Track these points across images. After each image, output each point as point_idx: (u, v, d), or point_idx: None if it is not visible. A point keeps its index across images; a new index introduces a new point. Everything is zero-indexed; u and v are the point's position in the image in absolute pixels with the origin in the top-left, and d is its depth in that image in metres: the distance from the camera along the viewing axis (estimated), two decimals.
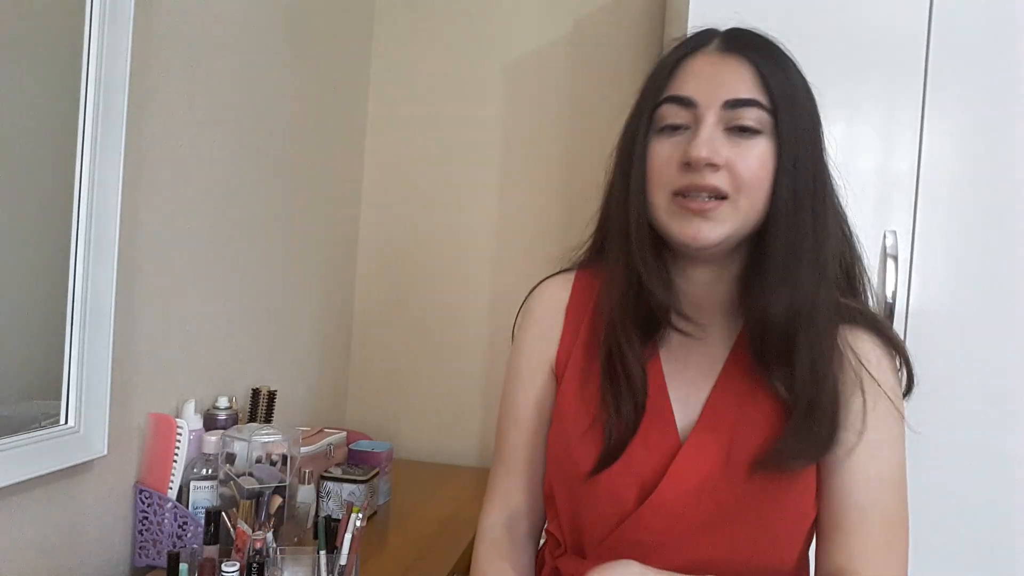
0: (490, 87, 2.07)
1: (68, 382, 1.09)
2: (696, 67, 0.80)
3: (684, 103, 0.79)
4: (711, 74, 0.79)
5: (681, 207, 0.78)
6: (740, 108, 0.77)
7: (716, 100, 0.78)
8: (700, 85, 0.79)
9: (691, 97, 0.79)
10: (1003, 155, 1.41)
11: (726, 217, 0.78)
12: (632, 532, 0.82)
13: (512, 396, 0.96)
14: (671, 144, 0.79)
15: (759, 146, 0.77)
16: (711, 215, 0.77)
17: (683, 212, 0.78)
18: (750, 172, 0.77)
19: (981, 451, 1.42)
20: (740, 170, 0.77)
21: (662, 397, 0.85)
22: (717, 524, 0.81)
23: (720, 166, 0.77)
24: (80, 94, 1.07)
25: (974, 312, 1.42)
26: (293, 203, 1.76)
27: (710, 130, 0.77)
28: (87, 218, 1.09)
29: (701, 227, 0.78)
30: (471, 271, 2.09)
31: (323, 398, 1.99)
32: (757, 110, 0.77)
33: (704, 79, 0.79)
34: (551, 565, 0.91)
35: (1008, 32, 1.41)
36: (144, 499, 1.24)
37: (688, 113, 0.79)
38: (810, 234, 0.79)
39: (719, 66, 0.79)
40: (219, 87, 1.43)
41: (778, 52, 0.82)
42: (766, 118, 0.77)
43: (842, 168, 1.45)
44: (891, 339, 0.85)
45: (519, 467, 0.94)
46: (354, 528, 1.06)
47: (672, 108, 0.80)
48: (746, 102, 0.77)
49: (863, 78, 1.45)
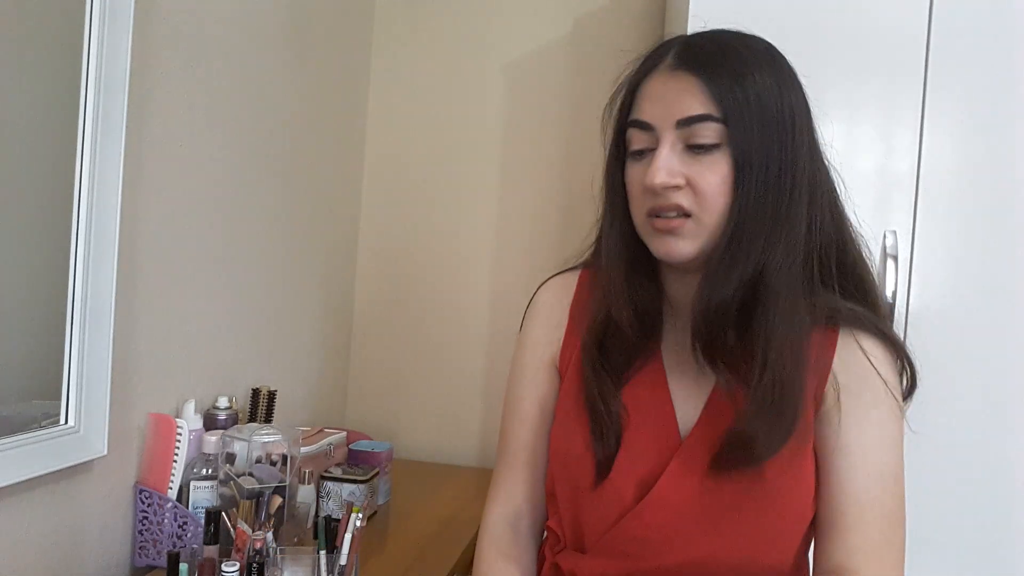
0: (490, 87, 2.07)
1: (68, 382, 1.09)
2: (650, 89, 0.82)
3: (643, 126, 0.82)
4: (662, 94, 0.81)
5: (653, 227, 0.81)
6: (693, 125, 0.78)
7: (669, 120, 0.79)
8: (654, 107, 0.81)
9: (647, 121, 0.81)
10: (1003, 155, 1.41)
11: (692, 233, 0.80)
12: (632, 528, 0.83)
13: (516, 393, 0.97)
14: (640, 168, 0.82)
15: (718, 160, 0.78)
16: (678, 232, 0.80)
17: (655, 231, 0.81)
18: (710, 187, 0.78)
19: (981, 451, 1.42)
20: (701, 186, 0.78)
21: (663, 395, 0.86)
22: (717, 521, 0.81)
23: (681, 186, 0.79)
24: (80, 94, 1.07)
25: (974, 312, 1.42)
26: (293, 203, 1.76)
27: (667, 153, 0.79)
28: (87, 218, 1.09)
29: (672, 244, 0.81)
30: (471, 271, 2.09)
31: (323, 398, 1.99)
32: (711, 123, 0.78)
33: (657, 100, 0.81)
34: (551, 561, 0.91)
35: (1008, 32, 1.41)
36: (144, 499, 1.24)
37: (648, 136, 0.81)
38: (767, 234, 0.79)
39: (669, 84, 0.81)
40: (219, 87, 1.43)
41: (732, 60, 0.80)
42: (721, 129, 0.78)
43: (842, 168, 1.45)
44: (893, 341, 0.86)
45: (522, 464, 0.95)
46: (354, 528, 1.06)
47: (635, 133, 0.83)
48: (697, 118, 0.78)
49: (863, 78, 1.45)
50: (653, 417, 0.85)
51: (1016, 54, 1.41)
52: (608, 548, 0.84)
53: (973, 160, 1.42)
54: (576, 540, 0.88)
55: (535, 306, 0.98)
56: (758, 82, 0.79)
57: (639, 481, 0.83)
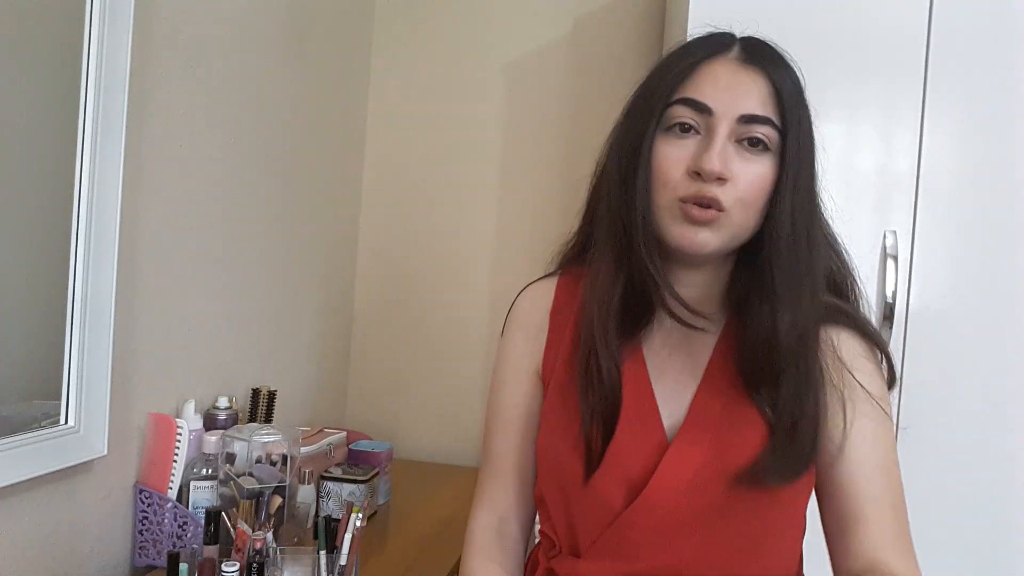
0: (490, 87, 2.07)
1: (68, 382, 1.09)
2: (715, 73, 0.79)
3: (700, 108, 0.78)
4: (730, 84, 0.78)
5: (685, 213, 0.78)
6: (754, 124, 0.77)
7: (733, 112, 0.77)
8: (718, 93, 0.78)
9: (709, 104, 0.78)
10: (1003, 155, 1.41)
11: (721, 228, 0.78)
12: (624, 531, 0.82)
13: (499, 400, 0.96)
14: (680, 147, 0.79)
15: (764, 164, 0.78)
16: (711, 225, 0.78)
17: (685, 218, 0.78)
18: (751, 188, 0.78)
19: (980, 451, 1.42)
20: (743, 185, 0.77)
21: (647, 397, 0.85)
22: (710, 521, 0.81)
23: (727, 180, 0.77)
24: (80, 94, 1.07)
25: (974, 312, 1.42)
26: (293, 203, 1.76)
27: (723, 142, 0.77)
28: (87, 218, 1.09)
29: (701, 234, 0.78)
30: (471, 271, 2.09)
31: (323, 398, 1.99)
32: (769, 128, 0.78)
33: (722, 88, 0.78)
34: (545, 566, 0.90)
35: (1008, 32, 1.41)
36: (144, 499, 1.24)
37: (701, 118, 0.79)
38: (806, 257, 0.80)
39: (739, 76, 0.79)
40: (219, 87, 1.43)
41: (792, 70, 0.81)
42: (775, 136, 0.78)
43: (842, 168, 1.46)
44: (871, 335, 0.86)
45: (507, 471, 0.94)
46: (354, 528, 1.06)
47: (684, 110, 0.79)
48: (761, 119, 0.77)
49: (863, 78, 1.45)
50: (638, 418, 0.84)
51: (1016, 54, 1.41)
52: (603, 551, 0.84)
53: (973, 160, 1.42)
54: (571, 543, 0.88)
55: (515, 315, 0.97)
56: (805, 103, 0.81)
57: (628, 483, 0.82)
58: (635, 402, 0.84)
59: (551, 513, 0.90)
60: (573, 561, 0.86)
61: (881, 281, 1.43)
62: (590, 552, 0.85)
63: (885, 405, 0.84)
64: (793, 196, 0.79)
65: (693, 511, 0.80)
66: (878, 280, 1.43)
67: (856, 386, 0.83)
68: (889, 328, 1.42)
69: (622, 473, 0.82)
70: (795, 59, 0.84)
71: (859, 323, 0.86)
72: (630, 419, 0.84)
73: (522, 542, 0.95)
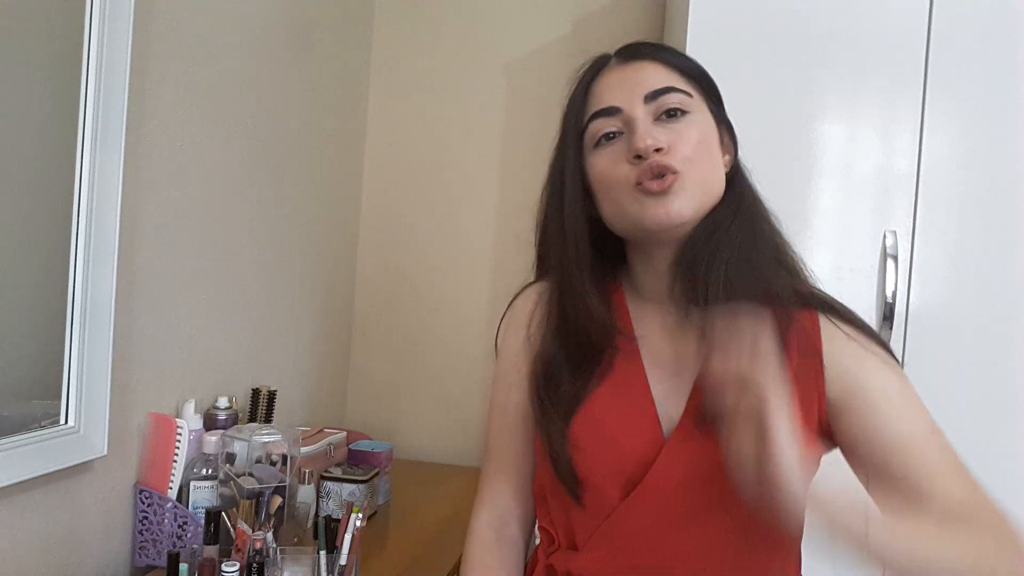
0: (490, 87, 2.07)
1: (68, 382, 1.09)
2: (606, 81, 0.86)
3: (609, 112, 0.84)
4: (622, 80, 0.85)
5: (645, 193, 0.81)
6: (660, 97, 0.82)
7: (636, 98, 0.83)
8: (616, 92, 0.84)
9: (613, 104, 0.84)
10: (1003, 155, 1.41)
11: (685, 190, 0.80)
12: (621, 524, 0.83)
13: (498, 401, 0.97)
14: (611, 151, 0.84)
15: (692, 124, 0.83)
16: (673, 189, 0.80)
17: (648, 197, 0.81)
18: (691, 147, 0.81)
19: (981, 451, 1.40)
20: (681, 148, 0.81)
21: (644, 391, 0.86)
22: (707, 516, 0.81)
23: (664, 148, 0.80)
24: (80, 94, 1.07)
25: (974, 312, 1.42)
26: (293, 203, 1.76)
27: (644, 124, 0.81)
28: (87, 218, 1.09)
29: (670, 203, 0.80)
30: (471, 271, 2.09)
31: (323, 398, 1.99)
32: (676, 94, 0.83)
33: (616, 86, 0.85)
34: (544, 563, 0.91)
35: (1008, 32, 1.41)
36: (144, 499, 1.24)
37: (617, 120, 0.83)
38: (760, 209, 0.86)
39: (626, 71, 0.86)
40: (219, 87, 1.43)
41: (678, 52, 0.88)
42: (688, 99, 0.83)
43: (842, 168, 1.46)
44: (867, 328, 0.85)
45: (507, 468, 0.96)
46: (354, 528, 1.06)
47: (599, 122, 0.85)
48: (663, 90, 0.82)
49: (863, 78, 1.45)
50: (635, 414, 0.85)
51: (1016, 54, 1.41)
52: (599, 543, 0.85)
53: (973, 160, 1.42)
54: (569, 538, 0.89)
55: (512, 316, 0.98)
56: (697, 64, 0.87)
57: (626, 478, 0.83)
58: (631, 397, 0.85)
59: (551, 508, 0.90)
60: (571, 555, 0.87)
61: (881, 281, 1.43)
62: (588, 545, 0.86)
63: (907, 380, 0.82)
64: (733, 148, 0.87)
65: (689, 506, 0.81)
66: (878, 280, 1.43)
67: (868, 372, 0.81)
68: (889, 328, 1.42)
69: (620, 468, 0.83)
70: (794, 58, 0.85)
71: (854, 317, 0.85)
72: (627, 416, 0.84)
73: (522, 540, 0.96)
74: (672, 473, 0.81)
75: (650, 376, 0.86)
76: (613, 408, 0.85)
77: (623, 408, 0.85)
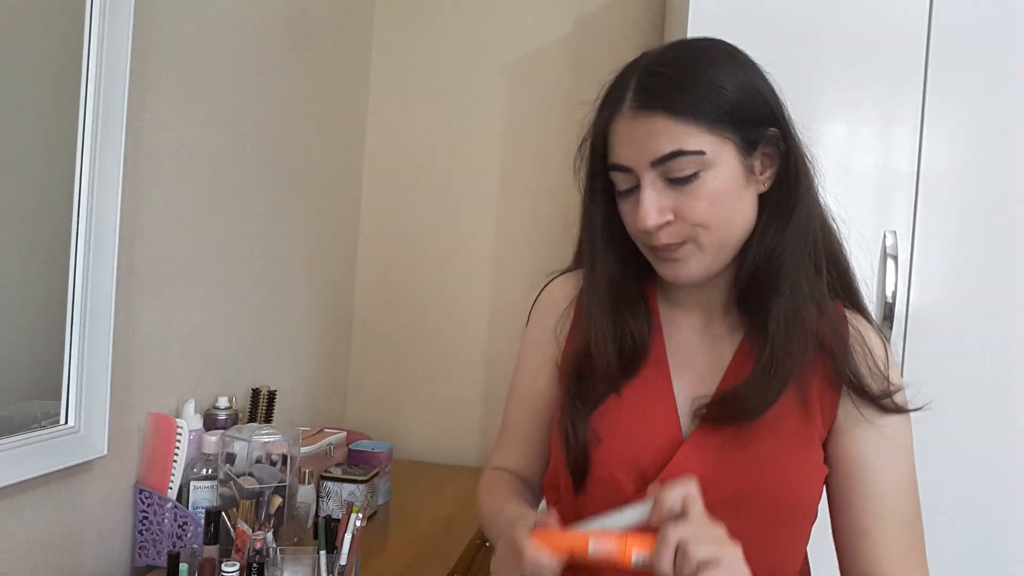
0: (491, 87, 2.07)
1: (68, 382, 1.09)
2: (619, 133, 0.83)
3: (621, 169, 0.83)
4: (632, 137, 0.81)
5: (657, 256, 0.84)
6: (667, 163, 0.79)
7: (644, 162, 0.80)
8: (628, 151, 0.82)
9: (624, 163, 0.82)
10: (1003, 155, 1.41)
11: (693, 255, 0.82)
12: None
13: (519, 383, 1.01)
14: (630, 204, 0.84)
15: (702, 186, 0.79)
16: (683, 256, 0.82)
17: (660, 260, 0.84)
18: (699, 215, 0.80)
19: (980, 451, 1.42)
20: (689, 216, 0.80)
21: (667, 390, 0.87)
22: (722, 514, 0.81)
23: (671, 221, 0.80)
24: (80, 94, 1.07)
25: (974, 312, 1.42)
26: (293, 202, 1.76)
27: (650, 193, 0.80)
28: (87, 218, 1.09)
29: (678, 270, 0.83)
30: (471, 271, 2.09)
31: (323, 398, 1.99)
32: (684, 159, 0.78)
33: (627, 143, 0.82)
34: None
35: (1008, 32, 1.41)
36: (144, 499, 1.24)
37: (629, 176, 0.83)
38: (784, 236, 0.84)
39: (635, 125, 0.81)
40: (219, 87, 1.43)
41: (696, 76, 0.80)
42: (699, 159, 0.79)
43: (842, 168, 1.46)
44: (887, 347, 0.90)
45: (517, 441, 1.00)
46: (354, 528, 1.06)
47: (615, 175, 0.84)
48: (669, 156, 0.78)
49: (863, 78, 1.45)
50: (656, 411, 0.86)
51: (1016, 54, 1.41)
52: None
53: (973, 160, 1.42)
54: None
55: (541, 304, 1.00)
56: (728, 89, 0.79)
57: (641, 473, 0.83)
58: (654, 397, 0.86)
59: (563, 498, 0.91)
60: None
61: (881, 281, 1.43)
62: None
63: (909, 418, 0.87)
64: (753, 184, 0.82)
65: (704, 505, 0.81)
66: (878, 280, 1.43)
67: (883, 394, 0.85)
68: (889, 328, 1.42)
69: (635, 461, 0.84)
70: (794, 58, 0.84)
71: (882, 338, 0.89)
72: (649, 414, 0.86)
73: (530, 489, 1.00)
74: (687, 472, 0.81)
75: (674, 376, 0.88)
76: (635, 403, 0.86)
77: (645, 404, 0.86)
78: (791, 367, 0.82)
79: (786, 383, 0.82)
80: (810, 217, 0.85)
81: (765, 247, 0.84)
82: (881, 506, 0.83)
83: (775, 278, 0.83)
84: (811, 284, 0.84)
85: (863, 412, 0.84)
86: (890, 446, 0.85)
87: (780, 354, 0.82)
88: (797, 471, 0.82)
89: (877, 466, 0.84)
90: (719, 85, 0.79)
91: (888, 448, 0.85)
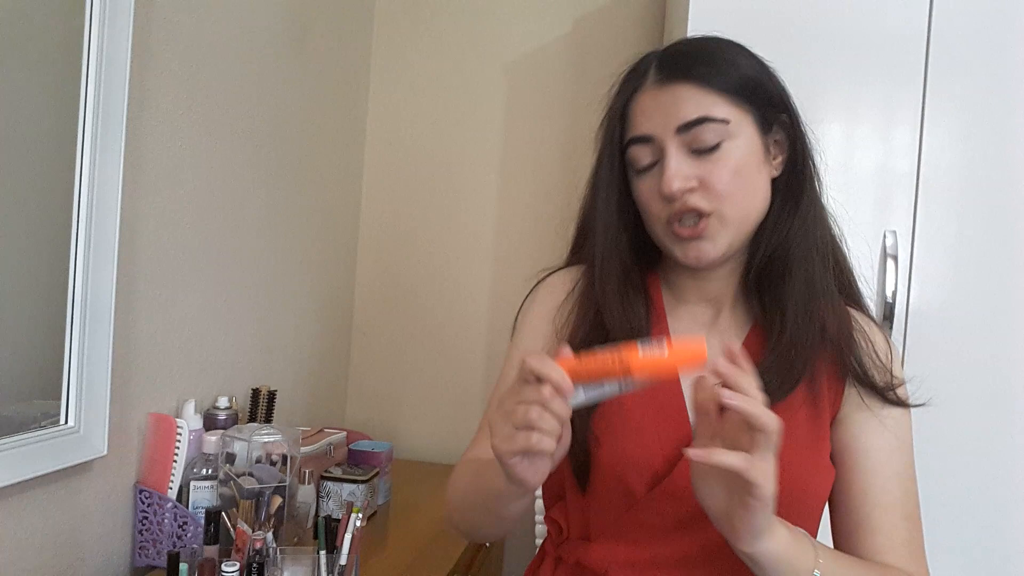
0: (490, 87, 2.07)
1: (68, 382, 1.09)
2: (642, 104, 0.84)
3: (643, 140, 0.83)
4: (656, 106, 0.83)
5: (676, 234, 0.83)
6: (693, 129, 0.80)
7: (669, 129, 0.81)
8: (651, 120, 0.83)
9: (646, 133, 0.83)
10: (1003, 155, 1.41)
11: (717, 232, 0.82)
12: (642, 516, 0.83)
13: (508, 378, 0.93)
14: (650, 180, 0.84)
15: (728, 155, 0.81)
16: (705, 234, 0.82)
17: (679, 239, 0.83)
18: (724, 183, 0.80)
19: (980, 451, 1.41)
20: (714, 184, 0.80)
21: (675, 388, 0.87)
22: None
23: (695, 188, 0.81)
24: (80, 94, 1.07)
25: (974, 312, 1.42)
26: (293, 203, 1.76)
27: (675, 159, 0.81)
28: (87, 218, 1.09)
29: (700, 248, 0.83)
30: (471, 271, 2.09)
31: (323, 398, 1.99)
32: (710, 125, 0.80)
33: (652, 113, 0.83)
34: (553, 555, 0.91)
35: (1008, 32, 1.41)
36: (144, 499, 1.24)
37: (651, 149, 0.83)
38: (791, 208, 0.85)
39: (661, 96, 0.83)
40: (219, 87, 1.43)
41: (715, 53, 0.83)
42: (724, 127, 0.80)
43: (842, 168, 1.46)
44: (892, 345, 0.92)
45: None
46: (354, 528, 1.06)
47: (637, 149, 0.84)
48: (695, 122, 0.80)
49: (863, 78, 1.45)
50: (664, 410, 0.85)
51: (1016, 54, 1.40)
52: (615, 535, 0.85)
53: (973, 160, 1.42)
54: (582, 529, 0.89)
55: (536, 296, 0.98)
56: (744, 67, 0.83)
57: (652, 472, 0.83)
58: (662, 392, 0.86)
59: (569, 498, 0.90)
60: (584, 545, 0.87)
61: (881, 281, 1.43)
62: (603, 535, 0.86)
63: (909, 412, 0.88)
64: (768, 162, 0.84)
65: None
66: (878, 280, 1.43)
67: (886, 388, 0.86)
68: (889, 328, 1.42)
69: (645, 460, 0.83)
70: (794, 58, 0.85)
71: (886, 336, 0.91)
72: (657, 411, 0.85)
73: None
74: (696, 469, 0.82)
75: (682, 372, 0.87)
76: (642, 401, 0.85)
77: (652, 402, 0.85)
78: (808, 355, 0.83)
79: (803, 372, 0.83)
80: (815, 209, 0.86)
81: (780, 231, 0.85)
82: (880, 495, 0.84)
83: (789, 264, 0.84)
84: (820, 275, 0.85)
85: (867, 402, 0.85)
86: (891, 437, 0.85)
87: (798, 339, 0.82)
88: (808, 470, 0.83)
89: (878, 456, 0.85)
90: (737, 63, 0.83)
91: (889, 439, 0.85)
